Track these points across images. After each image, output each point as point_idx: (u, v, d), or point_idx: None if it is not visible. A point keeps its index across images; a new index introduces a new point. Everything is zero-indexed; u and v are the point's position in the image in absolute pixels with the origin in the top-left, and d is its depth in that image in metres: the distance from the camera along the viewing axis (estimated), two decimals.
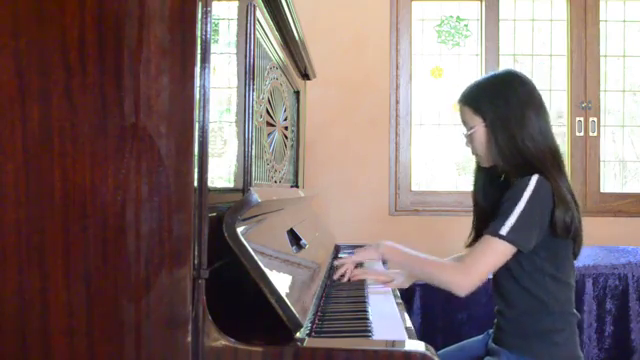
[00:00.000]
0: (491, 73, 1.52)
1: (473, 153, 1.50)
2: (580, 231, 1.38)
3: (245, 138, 1.16)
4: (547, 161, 1.36)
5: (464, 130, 1.49)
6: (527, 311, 1.38)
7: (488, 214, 1.50)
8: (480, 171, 1.55)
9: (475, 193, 1.57)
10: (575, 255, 1.42)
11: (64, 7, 0.86)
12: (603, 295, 2.35)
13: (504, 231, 1.30)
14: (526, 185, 1.32)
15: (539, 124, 1.39)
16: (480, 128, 1.42)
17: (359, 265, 1.80)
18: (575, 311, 1.42)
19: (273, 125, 1.49)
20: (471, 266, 1.32)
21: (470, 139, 1.46)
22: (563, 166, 1.40)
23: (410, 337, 1.07)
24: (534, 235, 1.32)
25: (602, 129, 3.02)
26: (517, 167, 1.38)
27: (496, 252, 1.32)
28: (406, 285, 1.65)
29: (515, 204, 1.31)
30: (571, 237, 1.36)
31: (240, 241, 0.91)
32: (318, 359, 0.87)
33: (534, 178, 1.32)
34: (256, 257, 0.91)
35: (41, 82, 0.87)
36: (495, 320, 1.50)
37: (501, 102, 1.40)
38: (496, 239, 1.31)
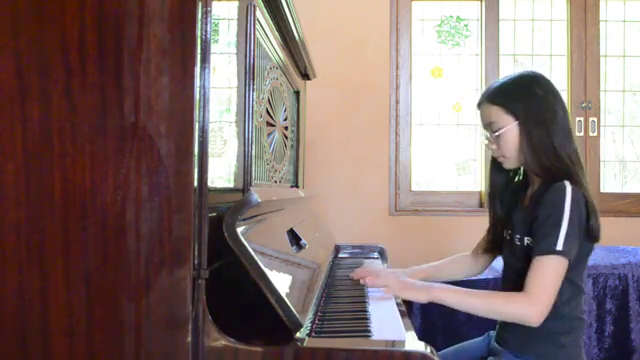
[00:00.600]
0: (512, 74, 1.47)
1: (497, 155, 1.44)
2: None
3: (245, 138, 1.16)
4: (572, 162, 1.35)
5: (487, 133, 1.45)
6: None
7: (503, 219, 1.49)
8: (498, 174, 1.51)
9: (491, 197, 1.53)
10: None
11: (64, 7, 0.86)
12: (603, 295, 2.35)
13: (559, 246, 1.26)
14: (563, 196, 1.28)
15: (567, 124, 1.38)
16: (513, 127, 1.37)
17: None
18: (583, 316, 1.40)
19: (273, 125, 1.49)
20: (537, 294, 1.25)
21: (498, 140, 1.41)
22: (584, 168, 1.38)
23: (410, 337, 1.07)
24: (577, 244, 1.30)
25: (602, 129, 3.02)
26: (548, 168, 1.35)
27: (558, 270, 1.27)
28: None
29: (561, 217, 1.27)
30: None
31: (240, 241, 0.91)
32: (318, 359, 0.87)
33: (568, 187, 1.29)
34: (256, 257, 0.91)
35: (41, 82, 0.87)
36: (499, 319, 1.48)
37: (533, 100, 1.37)
38: (555, 257, 1.26)
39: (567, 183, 1.30)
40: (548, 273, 1.26)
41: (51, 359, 0.86)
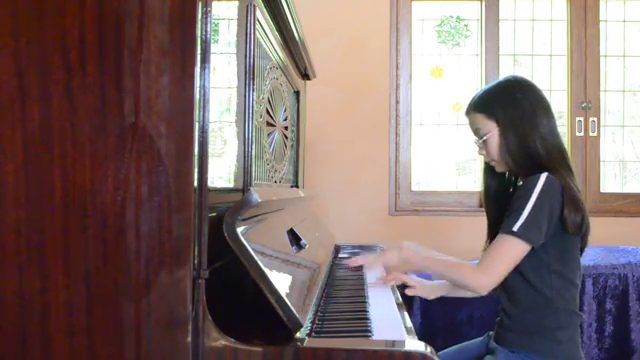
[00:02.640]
0: (497, 80, 1.54)
1: (488, 160, 1.51)
2: (588, 227, 1.41)
3: (245, 138, 1.16)
4: (556, 161, 1.40)
5: (476, 138, 1.51)
6: (531, 308, 1.39)
7: (501, 220, 1.51)
8: (491, 178, 1.56)
9: (487, 200, 1.58)
10: (581, 250, 1.44)
11: (64, 7, 0.86)
12: (603, 295, 2.35)
13: (516, 228, 1.33)
14: (536, 182, 1.35)
15: (549, 126, 1.42)
16: (494, 132, 1.44)
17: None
18: (579, 311, 1.43)
19: (273, 125, 1.49)
20: (489, 265, 1.36)
21: (484, 145, 1.48)
22: (571, 166, 1.43)
23: (410, 337, 1.07)
24: (543, 231, 1.34)
25: (602, 129, 3.02)
26: (527, 168, 1.41)
27: (511, 250, 1.35)
28: (431, 296, 1.67)
29: (526, 201, 1.34)
30: (581, 234, 1.39)
31: (240, 241, 0.91)
32: (318, 359, 0.87)
33: (543, 175, 1.35)
34: (256, 257, 0.91)
35: (41, 82, 0.87)
36: (498, 318, 1.50)
37: (513, 105, 1.43)
38: (510, 237, 1.34)
39: (544, 173, 1.36)
40: (501, 250, 1.35)
41: (51, 359, 0.86)
